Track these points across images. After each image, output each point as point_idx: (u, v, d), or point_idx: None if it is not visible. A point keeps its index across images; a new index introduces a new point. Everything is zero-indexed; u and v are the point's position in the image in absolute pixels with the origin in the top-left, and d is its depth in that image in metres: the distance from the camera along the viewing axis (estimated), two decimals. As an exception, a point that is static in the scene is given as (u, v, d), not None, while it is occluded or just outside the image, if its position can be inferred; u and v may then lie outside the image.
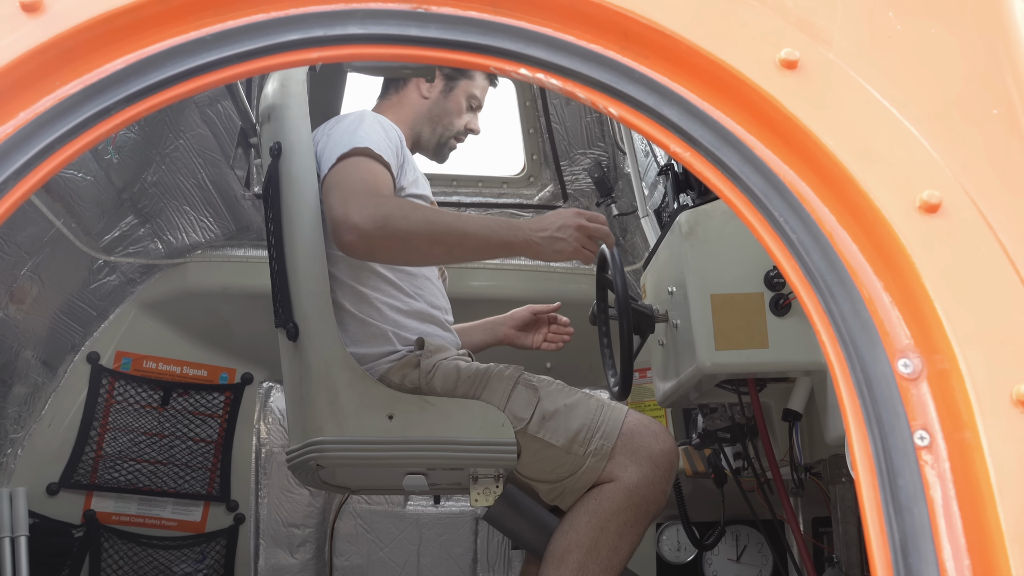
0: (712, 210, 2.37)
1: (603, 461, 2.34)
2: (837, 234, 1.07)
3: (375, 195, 2.31)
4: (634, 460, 2.35)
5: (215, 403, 3.92)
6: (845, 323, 1.02)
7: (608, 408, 2.41)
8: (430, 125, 2.76)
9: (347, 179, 2.34)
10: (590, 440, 2.35)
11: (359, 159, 2.37)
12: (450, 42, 1.14)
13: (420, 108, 2.75)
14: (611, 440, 2.35)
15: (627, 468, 2.34)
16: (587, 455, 2.34)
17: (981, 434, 0.96)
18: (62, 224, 3.28)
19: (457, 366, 2.44)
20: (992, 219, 1.06)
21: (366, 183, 2.33)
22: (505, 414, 2.35)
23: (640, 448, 2.37)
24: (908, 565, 0.90)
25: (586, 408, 2.40)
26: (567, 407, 2.39)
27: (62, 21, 1.09)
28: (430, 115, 2.76)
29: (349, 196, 2.29)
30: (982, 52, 1.18)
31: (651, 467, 2.36)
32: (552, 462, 2.35)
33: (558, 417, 2.37)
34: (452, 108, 2.76)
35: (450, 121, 2.77)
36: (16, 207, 1.03)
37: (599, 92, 1.13)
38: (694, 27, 1.14)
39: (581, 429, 2.36)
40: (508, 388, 2.38)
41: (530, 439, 2.35)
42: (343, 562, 3.90)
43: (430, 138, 2.76)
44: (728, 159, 1.09)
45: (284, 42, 1.12)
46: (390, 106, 2.77)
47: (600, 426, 2.37)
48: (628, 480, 2.33)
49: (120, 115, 1.09)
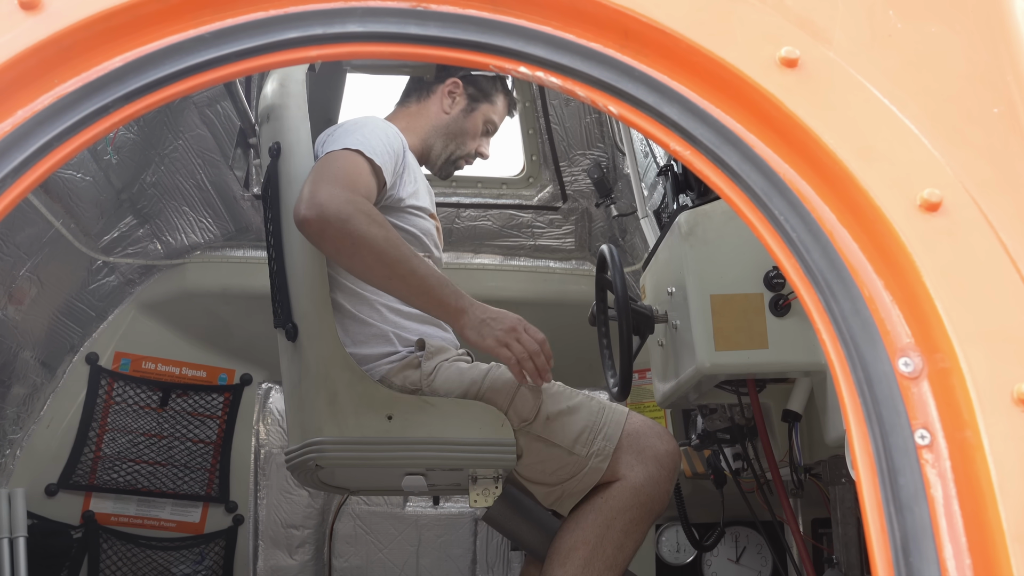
0: (712, 210, 2.36)
1: (605, 462, 2.35)
2: (837, 233, 1.07)
3: (351, 190, 2.27)
4: (640, 460, 2.36)
5: (214, 404, 3.91)
6: (846, 322, 1.02)
7: (610, 410, 2.42)
8: (443, 140, 2.77)
9: (327, 166, 2.33)
10: (592, 441, 2.35)
11: (347, 153, 2.36)
12: (450, 40, 1.13)
13: (438, 122, 2.76)
14: (613, 441, 2.36)
15: (633, 467, 2.35)
16: (590, 456, 2.34)
17: (982, 433, 0.96)
18: (61, 225, 3.28)
19: (459, 368, 2.44)
20: (993, 217, 1.06)
21: (346, 174, 2.30)
22: (508, 415, 2.35)
23: (646, 448, 2.38)
24: (909, 564, 0.90)
25: (588, 410, 2.40)
26: (570, 408, 2.39)
27: (60, 19, 1.09)
28: (447, 131, 2.77)
29: (325, 179, 2.26)
30: (982, 51, 1.18)
31: (656, 467, 2.37)
32: (555, 463, 2.35)
33: (561, 418, 2.37)
34: (469, 128, 2.78)
35: (464, 141, 2.78)
36: (14, 205, 1.03)
37: (599, 91, 1.12)
38: (694, 25, 1.13)
39: (584, 430, 2.36)
40: (512, 390, 2.38)
41: (533, 439, 2.35)
42: (342, 563, 3.90)
43: (440, 153, 2.77)
44: (728, 158, 1.09)
45: (283, 40, 1.12)
46: (408, 114, 2.77)
47: (603, 427, 2.37)
48: (635, 479, 2.34)
49: (119, 113, 1.08)
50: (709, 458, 2.96)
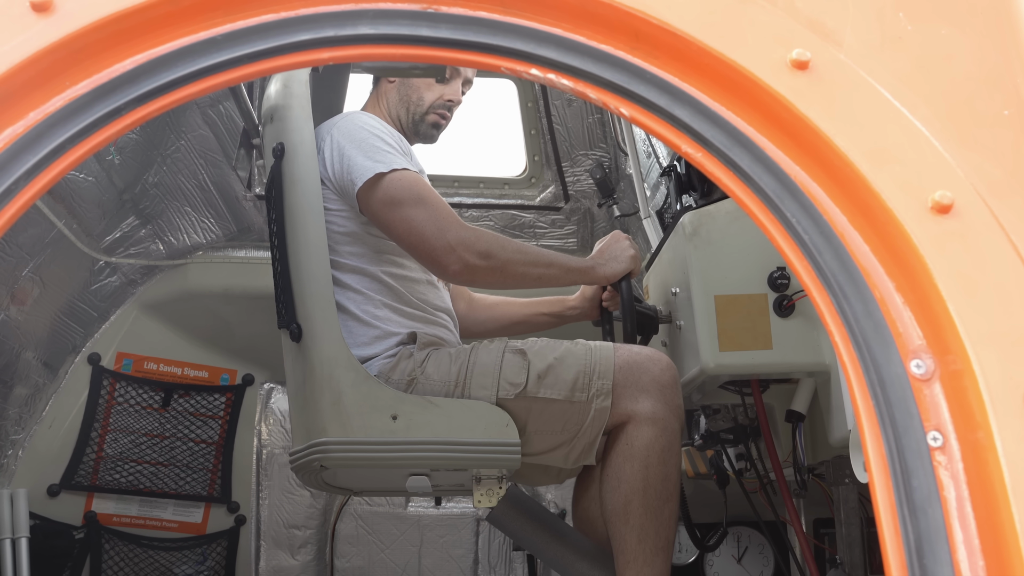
0: (716, 211, 2.37)
1: (607, 400, 2.34)
2: (849, 235, 1.07)
3: (451, 216, 2.43)
4: (641, 389, 2.35)
5: (216, 404, 3.91)
6: (858, 324, 1.02)
7: (597, 348, 2.42)
8: (403, 106, 2.71)
9: (419, 210, 2.42)
10: (589, 384, 2.35)
11: (396, 179, 2.42)
12: (460, 42, 1.13)
13: (391, 94, 2.72)
14: (609, 377, 2.35)
15: (638, 400, 2.34)
16: (591, 399, 2.34)
17: (995, 435, 0.96)
18: (63, 225, 3.28)
19: (448, 352, 2.45)
20: (1004, 219, 1.06)
21: (436, 203, 2.43)
22: (502, 383, 2.35)
23: (642, 375, 2.36)
24: (923, 567, 0.90)
25: (575, 355, 2.40)
26: (558, 360, 2.39)
27: (72, 21, 1.08)
28: (400, 97, 2.71)
29: (441, 223, 2.40)
30: (992, 53, 1.18)
31: (658, 389, 2.35)
32: (559, 420, 2.35)
33: (552, 372, 2.37)
34: (417, 83, 2.70)
35: (419, 96, 2.70)
36: (28, 207, 1.03)
37: (610, 92, 1.12)
38: (705, 27, 1.13)
39: (578, 376, 2.36)
40: (498, 358, 2.39)
41: (532, 401, 2.35)
42: (344, 563, 3.90)
43: (407, 119, 2.71)
44: (740, 160, 1.09)
45: (294, 42, 1.12)
46: (373, 103, 2.76)
47: (595, 367, 2.37)
48: (645, 411, 2.33)
49: (130, 115, 1.08)
50: (712, 458, 2.96)
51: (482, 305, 2.96)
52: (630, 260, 2.52)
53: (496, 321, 2.96)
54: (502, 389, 2.35)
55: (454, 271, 2.41)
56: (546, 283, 2.50)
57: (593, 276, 2.54)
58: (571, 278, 2.56)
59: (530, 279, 2.48)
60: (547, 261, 2.50)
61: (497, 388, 2.35)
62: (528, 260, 2.46)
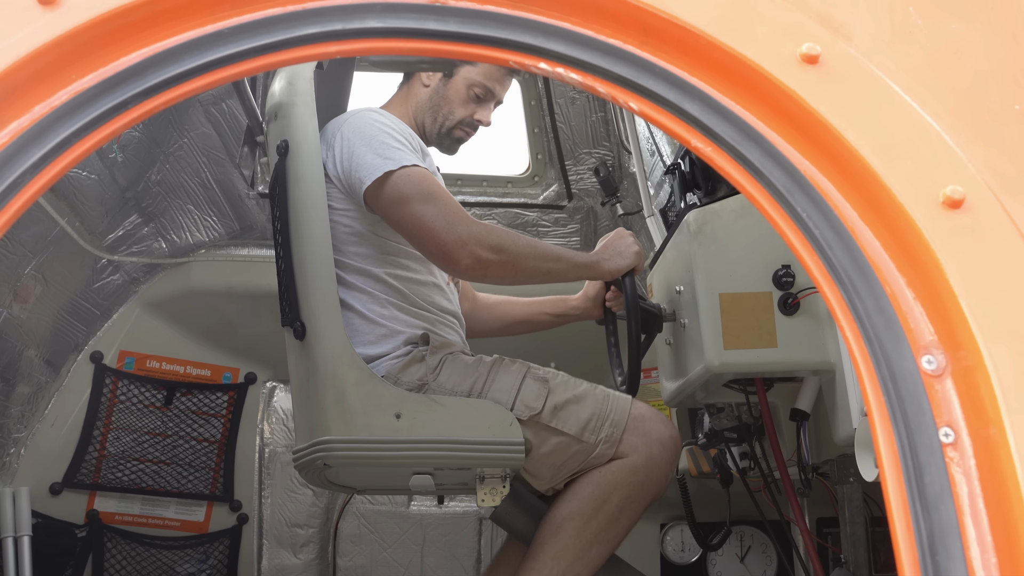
0: (720, 209, 2.36)
1: (613, 448, 2.37)
2: (859, 230, 1.06)
3: (461, 214, 2.42)
4: (644, 441, 2.39)
5: (218, 403, 3.91)
6: (869, 319, 1.01)
7: (615, 397, 2.45)
8: (431, 113, 2.70)
9: (427, 206, 2.39)
10: (600, 428, 2.37)
11: (406, 175, 2.41)
12: (469, 36, 1.13)
13: (422, 97, 2.70)
14: (620, 428, 2.39)
15: (637, 448, 2.38)
16: (598, 443, 2.37)
17: (1007, 430, 0.95)
18: (66, 223, 3.27)
19: (464, 361, 2.44)
20: (1015, 215, 1.06)
21: (445, 200, 2.42)
22: (517, 404, 2.35)
23: (651, 431, 2.40)
24: (936, 563, 0.90)
25: (594, 397, 2.42)
26: (576, 397, 2.41)
27: (78, 14, 1.08)
28: (431, 103, 2.69)
29: (451, 218, 2.38)
30: (1003, 48, 1.17)
31: (659, 448, 2.40)
32: (562, 454, 2.36)
33: (568, 407, 2.39)
34: (451, 95, 2.69)
35: (450, 110, 2.69)
36: (33, 201, 1.02)
37: (619, 87, 1.12)
38: (714, 22, 1.13)
39: (592, 417, 2.38)
40: (518, 380, 2.40)
41: (542, 428, 2.36)
42: (346, 562, 3.89)
43: (432, 128, 2.71)
44: (750, 154, 1.08)
45: (302, 36, 1.11)
46: (399, 100, 2.75)
47: (609, 414, 2.39)
48: (636, 458, 2.37)
49: (137, 109, 1.08)
50: (715, 457, 2.96)
51: (484, 305, 2.95)
52: (634, 256, 2.52)
53: (499, 320, 2.96)
54: (517, 409, 2.37)
55: (466, 266, 2.40)
56: (554, 278, 2.50)
57: (598, 271, 2.54)
58: (577, 273, 2.56)
59: (539, 274, 2.48)
60: (555, 256, 2.51)
61: (512, 406, 2.37)
62: (537, 254, 2.46)
